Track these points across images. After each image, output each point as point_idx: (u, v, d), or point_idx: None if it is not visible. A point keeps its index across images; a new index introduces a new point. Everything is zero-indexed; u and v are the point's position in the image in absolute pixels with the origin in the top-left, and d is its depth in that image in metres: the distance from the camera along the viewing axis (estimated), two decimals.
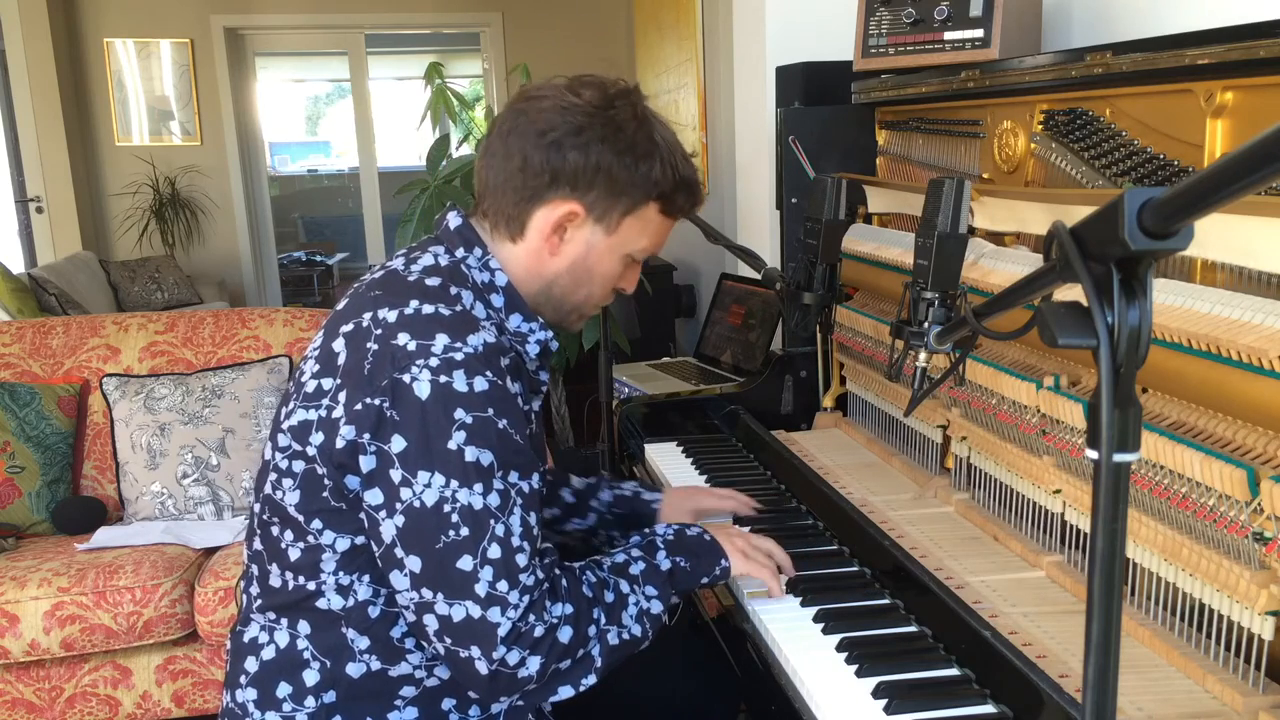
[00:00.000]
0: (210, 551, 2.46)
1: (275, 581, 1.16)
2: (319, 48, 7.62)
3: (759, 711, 1.24)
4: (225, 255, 6.74)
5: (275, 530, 1.15)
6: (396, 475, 1.05)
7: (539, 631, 1.07)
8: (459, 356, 1.06)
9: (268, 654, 1.15)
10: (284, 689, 1.14)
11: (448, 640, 1.07)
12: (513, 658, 1.06)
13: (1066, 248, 0.56)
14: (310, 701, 1.13)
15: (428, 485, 1.05)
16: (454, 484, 1.05)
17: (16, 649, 2.23)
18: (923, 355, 1.25)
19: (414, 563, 1.06)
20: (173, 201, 6.49)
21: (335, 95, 8.64)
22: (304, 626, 1.14)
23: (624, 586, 1.17)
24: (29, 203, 6.17)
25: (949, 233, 1.22)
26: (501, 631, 1.05)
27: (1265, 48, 0.98)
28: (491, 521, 1.05)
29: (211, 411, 2.62)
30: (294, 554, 1.13)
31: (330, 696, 1.13)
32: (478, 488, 1.05)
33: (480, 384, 1.06)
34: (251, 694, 1.15)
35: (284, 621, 1.15)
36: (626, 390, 2.82)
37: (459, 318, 1.09)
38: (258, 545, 1.18)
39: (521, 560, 1.06)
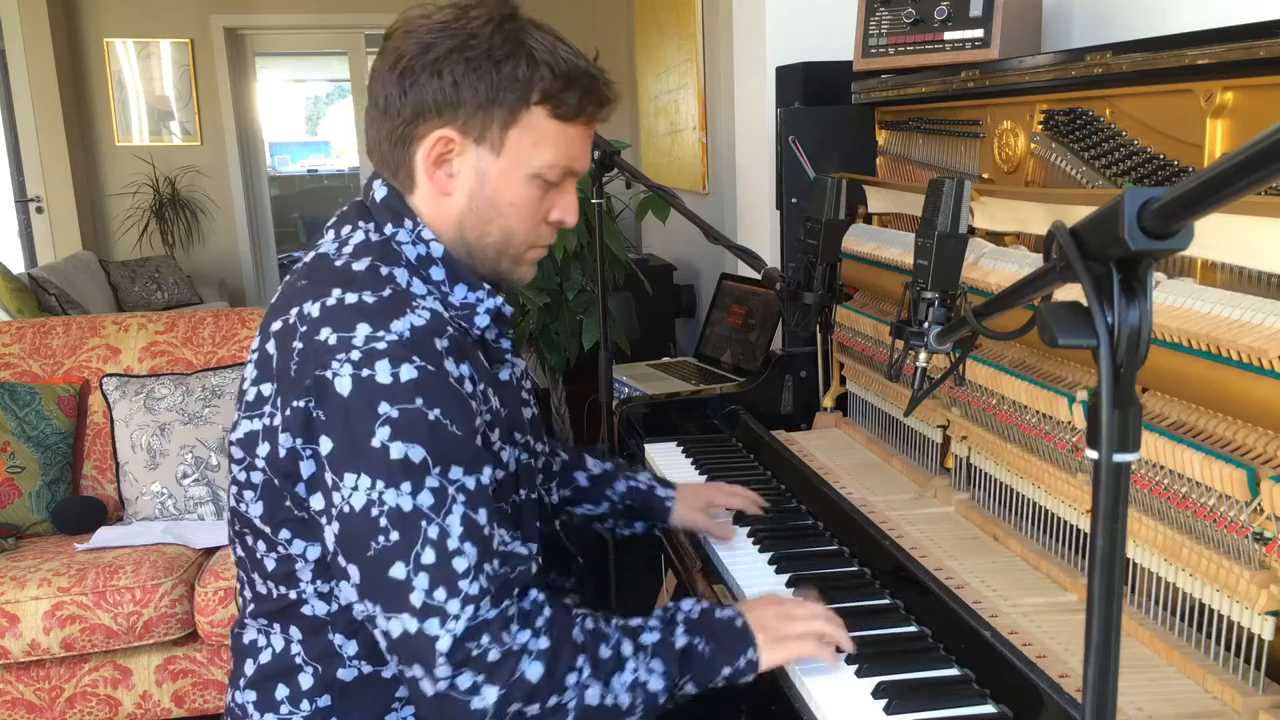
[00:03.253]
0: (210, 551, 2.46)
1: (261, 589, 1.13)
2: (319, 48, 7.61)
3: (759, 711, 1.24)
4: (225, 255, 6.74)
5: (249, 541, 1.11)
6: (328, 479, 0.99)
7: (493, 655, 0.96)
8: (381, 346, 0.97)
9: (265, 658, 1.14)
10: (281, 691, 1.12)
11: (395, 659, 0.99)
12: (463, 681, 0.96)
13: (1066, 248, 0.55)
14: (306, 705, 1.11)
15: (354, 488, 0.97)
16: (380, 484, 0.96)
17: (16, 649, 2.24)
18: (923, 355, 1.25)
19: (354, 572, 0.99)
20: (173, 201, 6.49)
21: (335, 95, 8.64)
22: (295, 632, 1.12)
23: (625, 649, 1.05)
24: (29, 203, 6.17)
25: (949, 233, 1.22)
26: (441, 646, 0.95)
27: (1265, 48, 0.98)
28: (423, 523, 0.96)
29: (211, 411, 2.62)
30: (270, 564, 1.10)
31: (325, 700, 1.11)
32: (405, 487, 0.96)
33: (407, 372, 0.97)
34: (251, 696, 1.14)
35: (276, 627, 1.13)
36: (626, 390, 2.82)
37: (385, 303, 1.01)
38: (240, 552, 1.15)
39: (460, 565, 0.96)
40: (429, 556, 0.96)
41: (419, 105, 1.05)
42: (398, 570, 0.96)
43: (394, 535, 0.96)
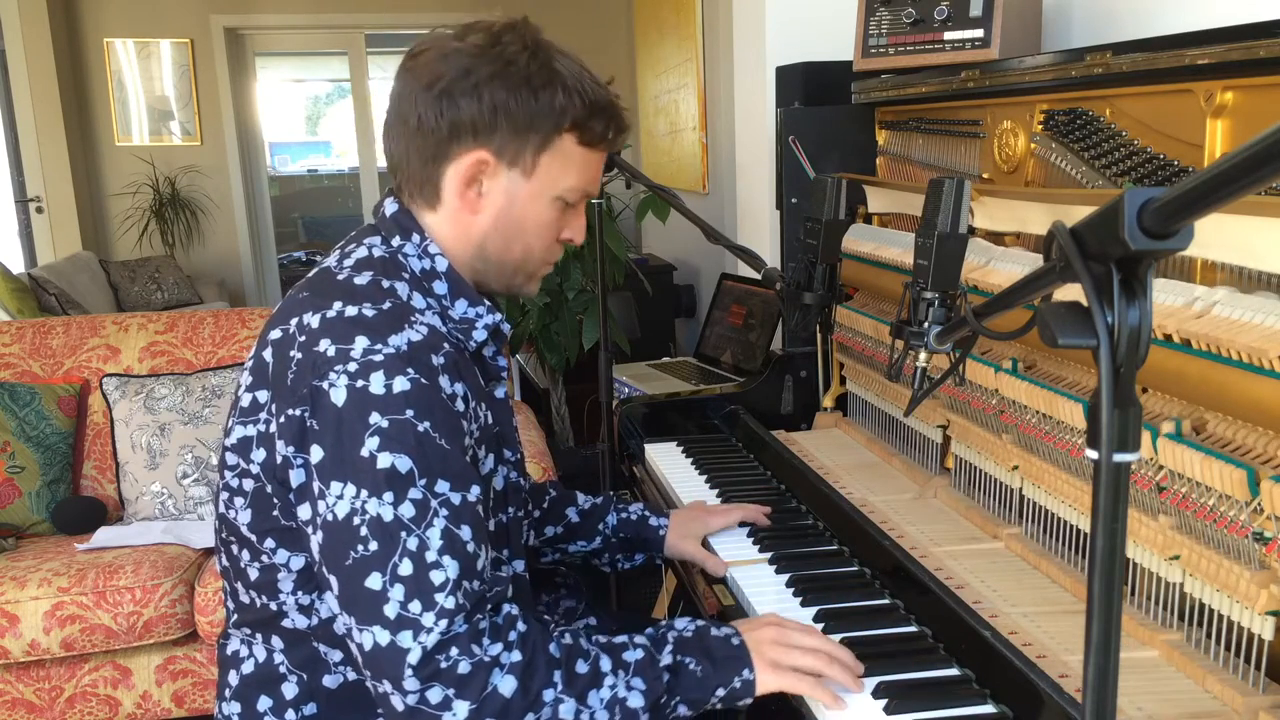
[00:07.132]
0: (210, 551, 2.46)
1: (244, 598, 1.13)
2: (319, 48, 7.61)
3: (757, 709, 1.23)
4: (225, 255, 6.74)
5: (234, 549, 1.12)
6: (315, 488, 0.99)
7: (464, 668, 0.95)
8: (378, 358, 0.99)
9: (247, 668, 1.13)
10: (264, 702, 1.12)
11: (368, 674, 0.98)
12: (434, 696, 0.94)
13: (1066, 248, 0.55)
14: (291, 714, 1.11)
15: (340, 496, 0.97)
16: (364, 494, 0.96)
17: (16, 649, 2.23)
18: (923, 355, 1.25)
19: (335, 583, 0.99)
20: (173, 201, 6.49)
21: (335, 95, 8.63)
22: (277, 642, 1.12)
23: (604, 664, 1.02)
24: (29, 203, 6.17)
25: (949, 233, 1.22)
26: (411, 659, 0.94)
27: (1265, 48, 0.98)
28: (403, 534, 0.96)
29: (211, 411, 2.62)
30: (253, 573, 1.11)
31: (311, 708, 1.11)
32: (388, 497, 0.96)
33: (400, 384, 0.98)
34: (235, 707, 1.14)
35: (259, 637, 1.13)
36: (626, 390, 2.82)
37: (384, 316, 1.02)
38: (224, 562, 1.15)
39: (438, 577, 0.96)
40: (406, 568, 0.95)
41: (455, 126, 1.08)
42: (374, 581, 0.95)
43: (373, 545, 0.96)
